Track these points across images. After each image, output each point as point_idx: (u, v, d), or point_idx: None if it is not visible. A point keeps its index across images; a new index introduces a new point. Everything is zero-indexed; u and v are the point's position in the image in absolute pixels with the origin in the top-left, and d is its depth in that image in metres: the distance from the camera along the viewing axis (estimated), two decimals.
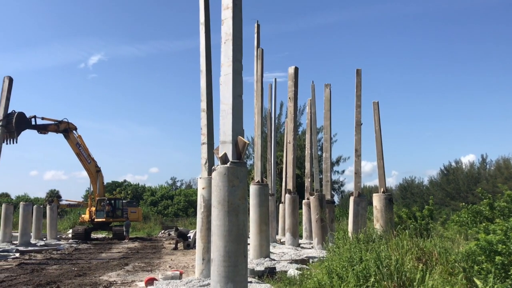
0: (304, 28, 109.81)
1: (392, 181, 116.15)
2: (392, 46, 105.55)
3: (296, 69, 18.77)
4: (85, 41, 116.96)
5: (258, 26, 17.76)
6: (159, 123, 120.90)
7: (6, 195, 63.72)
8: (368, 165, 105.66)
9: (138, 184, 72.17)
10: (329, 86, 21.26)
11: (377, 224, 16.41)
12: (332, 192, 20.93)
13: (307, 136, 24.37)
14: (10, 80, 28.83)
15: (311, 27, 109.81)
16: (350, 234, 12.96)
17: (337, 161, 55.46)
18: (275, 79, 28.44)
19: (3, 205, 27.79)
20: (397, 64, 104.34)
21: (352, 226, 17.56)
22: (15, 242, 26.27)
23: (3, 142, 28.26)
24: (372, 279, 6.86)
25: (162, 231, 41.09)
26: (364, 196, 18.69)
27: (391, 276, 6.85)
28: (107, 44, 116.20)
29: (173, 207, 60.22)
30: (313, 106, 24.32)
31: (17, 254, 20.67)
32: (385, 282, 6.70)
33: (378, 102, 18.61)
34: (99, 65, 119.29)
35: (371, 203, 20.63)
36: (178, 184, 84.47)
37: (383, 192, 17.38)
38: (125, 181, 72.66)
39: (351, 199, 18.37)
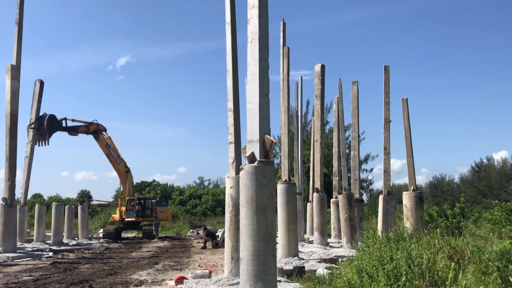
0: (331, 25, 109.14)
1: (422, 179, 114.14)
2: (420, 42, 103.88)
3: (323, 67, 18.65)
4: (113, 44, 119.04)
5: (284, 24, 17.71)
6: (187, 123, 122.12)
7: (39, 196, 65.29)
8: (397, 163, 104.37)
9: (167, 183, 73.06)
10: (357, 83, 21.04)
11: (407, 223, 16.19)
12: (361, 191, 20.73)
13: (335, 134, 24.18)
14: (41, 83, 29.57)
15: (338, 24, 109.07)
16: (379, 233, 12.82)
17: (366, 159, 54.85)
18: (301, 77, 28.30)
19: (36, 206, 28.50)
20: (425, 60, 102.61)
21: (382, 224, 17.36)
22: (48, 241, 26.89)
23: (35, 144, 29.03)
24: (403, 278, 6.76)
25: (191, 230, 41.45)
26: (393, 194, 18.45)
27: (422, 275, 6.73)
28: (134, 46, 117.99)
29: (201, 206, 60.68)
30: (341, 103, 24.13)
31: (51, 253, 21.14)
32: (417, 282, 6.59)
33: (407, 98, 18.34)
34: (127, 67, 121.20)
35: (400, 202, 20.35)
36: (206, 183, 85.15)
37: (413, 190, 17.13)
38: (154, 181, 73.67)
39: (381, 197, 18.15)
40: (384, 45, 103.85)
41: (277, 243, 13.80)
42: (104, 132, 34.60)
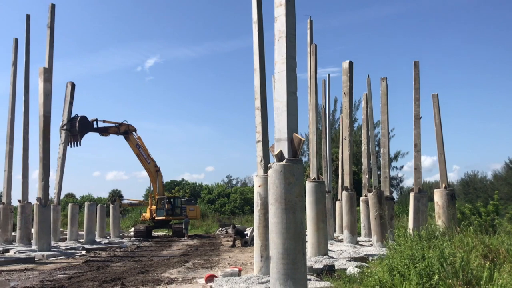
0: (358, 21, 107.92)
1: (453, 176, 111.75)
2: (450, 35, 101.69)
3: (351, 64, 18.47)
4: (141, 45, 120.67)
5: (311, 22, 17.61)
6: (214, 122, 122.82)
7: (72, 196, 66.72)
8: (428, 160, 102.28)
9: (196, 182, 73.74)
10: (386, 79, 20.77)
11: (439, 221, 15.91)
12: (391, 189, 20.45)
13: (364, 131, 23.93)
14: (73, 85, 30.20)
15: (365, 20, 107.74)
16: (410, 231, 12.63)
17: (395, 157, 54.20)
18: (329, 74, 28.14)
19: (69, 205, 29.16)
20: (456, 55, 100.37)
21: (413, 223, 17.10)
22: (81, 240, 27.48)
23: (68, 144, 29.70)
24: (436, 277, 6.64)
25: (220, 229, 41.72)
26: (424, 192, 18.15)
27: (456, 274, 6.60)
28: (162, 47, 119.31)
29: (230, 205, 61.01)
30: (369, 100, 23.86)
31: (83, 252, 21.57)
32: (450, 281, 6.46)
33: (437, 94, 18.02)
34: (155, 68, 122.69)
35: (431, 199, 20.01)
36: (234, 182, 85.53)
37: (445, 187, 16.81)
38: (183, 180, 74.45)
39: (411, 195, 17.89)
40: (413, 40, 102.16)
41: (307, 241, 13.76)
42: (134, 133, 35.16)
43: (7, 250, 20.20)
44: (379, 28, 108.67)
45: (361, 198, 22.95)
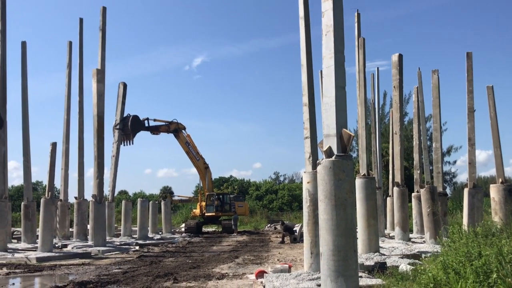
0: (407, 12, 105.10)
1: (510, 171, 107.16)
2: (504, 26, 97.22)
3: (400, 56, 18.06)
4: (189, 44, 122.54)
5: (359, 15, 17.32)
6: (261, 119, 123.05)
7: (125, 192, 68.78)
8: (482, 154, 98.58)
9: (243, 179, 74.31)
10: (437, 72, 20.15)
11: (496, 217, 15.34)
12: (444, 184, 19.87)
13: (415, 125, 23.31)
14: (125, 85, 31.10)
15: (414, 11, 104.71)
16: (465, 228, 12.24)
17: (448, 151, 52.40)
18: (378, 68, 27.68)
19: (123, 202, 30.06)
20: (509, 45, 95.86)
21: (467, 219, 16.57)
22: (134, 236, 28.29)
23: (121, 143, 30.65)
24: (494, 276, 6.40)
25: (268, 225, 41.88)
26: (479, 187, 17.54)
27: None
28: (209, 46, 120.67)
29: (278, 201, 61.10)
30: (420, 94, 23.22)
31: (137, 247, 22.20)
32: (509, 279, 6.21)
33: (492, 86, 17.36)
34: (203, 66, 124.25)
35: (486, 195, 19.28)
36: (281, 178, 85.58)
37: (502, 182, 16.19)
38: (231, 176, 75.20)
39: (466, 190, 17.33)
40: (465, 31, 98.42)
41: (357, 238, 13.59)
42: (183, 131, 35.84)
43: (65, 245, 21.08)
44: (429, 19, 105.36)
45: (413, 194, 22.42)
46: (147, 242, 24.84)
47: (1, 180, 18.45)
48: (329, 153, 6.96)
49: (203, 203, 36.87)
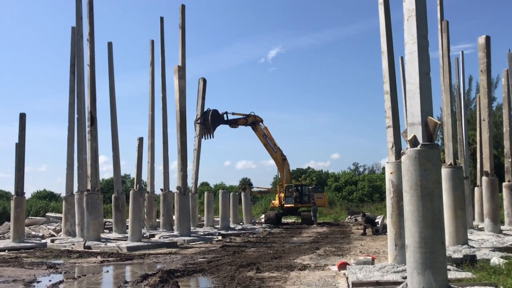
0: None
1: None
2: None
3: (487, 38, 17.02)
4: (263, 37, 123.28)
5: None
6: (338, 109, 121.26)
7: (206, 184, 70.80)
8: None
9: (322, 170, 73.76)
10: None
11: None
12: None
13: (505, 111, 21.94)
14: (204, 81, 32.00)
15: None
16: None
17: None
18: (462, 51, 26.32)
19: (205, 193, 31.04)
20: None
21: None
22: (216, 226, 29.10)
23: (202, 137, 31.61)
24: None
25: (348, 217, 41.32)
26: None
27: None
28: (284, 37, 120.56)
29: (358, 193, 60.03)
30: (510, 77, 21.79)
31: (219, 237, 22.81)
32: None
33: None
34: (278, 58, 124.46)
35: None
36: (361, 169, 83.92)
37: None
38: (308, 167, 74.99)
39: None
40: None
41: (444, 230, 13.06)
42: (260, 123, 36.21)
43: (153, 235, 22.12)
44: None
45: (504, 184, 21.12)
46: (229, 232, 25.45)
47: (93, 174, 19.67)
48: (414, 142, 6.74)
49: (282, 195, 37.09)
